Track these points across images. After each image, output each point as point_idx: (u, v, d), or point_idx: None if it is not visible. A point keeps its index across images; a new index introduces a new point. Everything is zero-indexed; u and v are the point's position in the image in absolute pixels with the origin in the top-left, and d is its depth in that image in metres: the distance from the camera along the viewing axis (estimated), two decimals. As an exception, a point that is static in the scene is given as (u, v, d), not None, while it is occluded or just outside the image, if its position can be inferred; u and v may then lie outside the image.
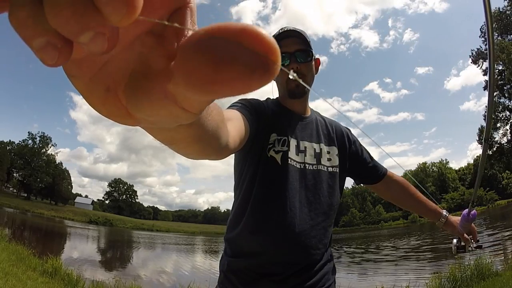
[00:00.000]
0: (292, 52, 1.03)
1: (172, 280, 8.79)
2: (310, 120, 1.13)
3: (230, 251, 1.03)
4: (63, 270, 6.13)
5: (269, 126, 1.01)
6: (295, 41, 1.04)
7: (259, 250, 0.97)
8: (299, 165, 1.02)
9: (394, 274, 8.58)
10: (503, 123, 27.15)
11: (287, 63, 1.02)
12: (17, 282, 4.56)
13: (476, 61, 28.76)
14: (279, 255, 0.95)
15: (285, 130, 1.04)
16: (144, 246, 23.17)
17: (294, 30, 1.05)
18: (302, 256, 0.97)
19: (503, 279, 4.48)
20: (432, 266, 9.27)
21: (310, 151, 1.06)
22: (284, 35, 1.04)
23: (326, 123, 1.17)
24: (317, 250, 0.99)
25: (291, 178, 0.99)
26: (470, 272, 4.95)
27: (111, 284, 5.90)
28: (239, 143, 0.70)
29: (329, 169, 1.07)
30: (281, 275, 0.95)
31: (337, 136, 1.16)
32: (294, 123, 1.08)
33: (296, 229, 0.96)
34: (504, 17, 25.86)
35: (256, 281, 0.96)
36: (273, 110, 1.07)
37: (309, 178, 1.02)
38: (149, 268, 11.78)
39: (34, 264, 6.44)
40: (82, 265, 9.28)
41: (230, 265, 1.01)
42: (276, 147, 1.00)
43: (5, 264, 5.63)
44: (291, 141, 1.03)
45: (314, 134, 1.11)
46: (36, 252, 7.86)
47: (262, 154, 0.99)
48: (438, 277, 5.25)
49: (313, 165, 1.05)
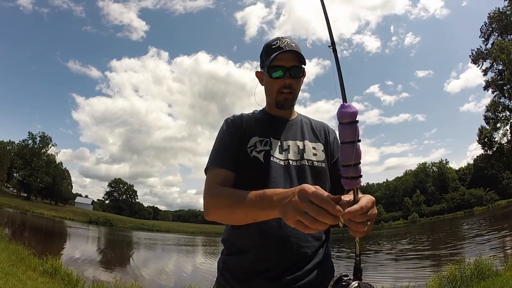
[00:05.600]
0: (288, 67, 1.09)
1: (173, 280, 8.78)
2: (295, 122, 1.20)
3: (225, 251, 1.08)
4: (63, 270, 6.12)
5: (250, 133, 1.10)
6: (292, 57, 1.10)
7: (250, 245, 0.98)
8: (282, 162, 1.06)
9: (395, 273, 8.58)
10: (503, 123, 27.07)
11: (281, 75, 1.10)
12: (17, 282, 4.55)
13: (476, 61, 28.72)
14: (269, 249, 0.96)
15: (267, 132, 1.11)
16: (144, 246, 23.16)
17: (293, 49, 1.10)
18: (291, 249, 0.97)
19: (503, 279, 4.47)
20: (432, 266, 9.26)
21: (294, 148, 1.10)
22: (285, 50, 1.09)
23: (311, 123, 1.23)
24: (307, 243, 0.99)
25: (274, 174, 1.03)
26: (470, 272, 4.94)
27: (111, 284, 5.90)
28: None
29: (314, 163, 1.09)
30: (273, 271, 0.95)
31: (321, 133, 1.21)
32: (278, 126, 1.15)
33: (281, 220, 0.95)
34: (504, 17, 25.80)
35: (249, 278, 0.97)
36: (257, 118, 1.16)
37: (293, 173, 1.05)
38: (149, 268, 11.77)
39: (34, 264, 6.43)
40: (82, 265, 9.28)
41: (225, 263, 1.05)
42: (258, 148, 1.07)
43: (5, 264, 5.62)
44: (274, 141, 1.10)
45: (298, 133, 1.16)
46: (36, 252, 7.85)
47: (246, 157, 1.06)
48: (438, 277, 5.25)
49: (297, 160, 1.08)
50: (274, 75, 1.10)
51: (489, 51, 26.22)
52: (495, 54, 23.06)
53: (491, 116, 27.53)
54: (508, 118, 26.78)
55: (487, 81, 28.24)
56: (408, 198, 66.68)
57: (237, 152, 1.07)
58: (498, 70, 26.37)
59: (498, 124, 27.22)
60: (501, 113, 27.01)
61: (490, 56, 25.45)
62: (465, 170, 69.63)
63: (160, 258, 16.42)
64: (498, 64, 24.69)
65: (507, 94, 26.01)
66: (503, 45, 22.55)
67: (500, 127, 27.16)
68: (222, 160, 1.07)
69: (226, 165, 1.05)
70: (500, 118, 27.15)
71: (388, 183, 76.38)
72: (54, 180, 62.22)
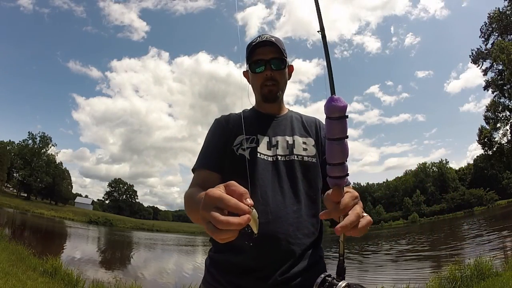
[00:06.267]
0: (267, 60, 1.10)
1: (173, 280, 8.78)
2: (284, 118, 1.18)
3: (213, 248, 1.06)
4: (63, 270, 6.12)
5: (236, 131, 1.09)
6: (271, 50, 1.11)
7: (237, 243, 0.93)
8: (270, 158, 1.05)
9: (394, 273, 8.58)
10: (503, 123, 27.03)
11: (262, 69, 1.11)
12: (17, 282, 4.55)
13: (476, 61, 28.71)
14: (257, 246, 0.90)
15: (254, 130, 1.10)
16: (144, 246, 23.15)
17: (270, 40, 1.11)
18: (280, 246, 0.94)
19: (503, 279, 4.47)
20: (432, 266, 9.26)
21: (283, 144, 1.09)
22: (261, 44, 1.11)
23: (302, 119, 1.21)
24: (297, 240, 0.96)
25: (261, 170, 1.02)
26: (470, 272, 4.94)
27: (112, 284, 5.90)
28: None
29: (304, 158, 1.07)
30: (263, 270, 0.92)
31: (312, 128, 1.19)
32: (267, 123, 1.14)
33: (269, 216, 0.95)
34: (504, 17, 25.78)
35: (238, 277, 0.94)
36: (245, 116, 1.14)
37: (282, 168, 1.03)
38: (149, 268, 11.77)
39: (34, 264, 6.43)
40: (82, 265, 9.27)
41: (213, 260, 1.03)
42: (243, 145, 1.06)
43: (5, 264, 5.62)
44: (261, 138, 1.09)
45: (288, 128, 1.14)
46: (36, 252, 7.85)
47: (233, 156, 1.05)
48: (438, 277, 5.25)
49: (285, 156, 1.06)
50: (256, 70, 1.12)
51: (489, 51, 26.20)
52: (495, 54, 23.03)
53: (491, 116, 27.52)
54: (508, 118, 26.77)
55: (487, 81, 28.25)
56: (408, 198, 66.69)
57: (221, 152, 1.07)
58: (498, 70, 26.36)
59: (498, 124, 27.20)
60: (501, 113, 26.99)
61: (490, 56, 25.41)
62: (465, 170, 69.62)
63: (160, 258, 16.41)
64: (498, 64, 24.64)
65: (507, 94, 26.00)
66: (503, 45, 22.51)
67: (500, 127, 27.14)
68: (204, 161, 1.08)
69: (208, 165, 1.05)
70: (500, 118, 27.13)
71: (388, 183, 76.40)
72: (54, 180, 62.21)
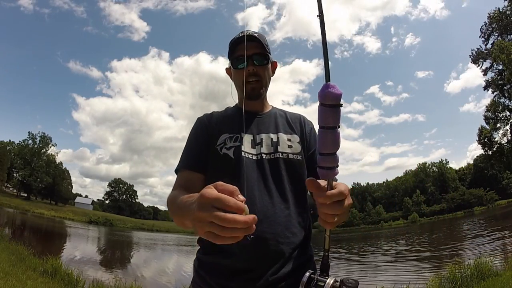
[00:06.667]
0: (249, 55, 1.08)
1: (173, 280, 8.78)
2: (268, 115, 1.16)
3: (201, 250, 1.04)
4: (63, 270, 6.12)
5: (220, 131, 1.07)
6: (253, 45, 1.09)
7: (225, 245, 0.92)
8: (255, 157, 1.03)
9: (394, 274, 8.58)
10: (503, 123, 27.01)
11: (244, 65, 1.08)
12: (17, 282, 4.55)
13: (476, 61, 28.71)
14: (245, 247, 0.89)
15: (237, 128, 1.07)
16: (144, 246, 23.15)
17: (253, 35, 1.09)
18: (268, 245, 0.92)
19: (503, 279, 4.47)
20: (432, 266, 9.25)
21: (267, 141, 1.07)
22: (243, 39, 1.08)
23: (286, 115, 1.19)
24: (286, 239, 0.95)
25: (246, 170, 0.99)
26: (470, 272, 4.94)
27: (111, 284, 5.90)
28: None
29: (289, 156, 1.05)
30: (253, 271, 0.90)
31: (296, 125, 1.17)
32: (250, 120, 1.11)
33: (257, 216, 0.92)
34: (504, 17, 25.77)
35: (228, 279, 0.92)
36: (228, 114, 1.14)
37: (267, 167, 1.02)
38: (149, 268, 11.78)
39: (34, 264, 6.43)
40: (82, 265, 9.27)
41: (201, 261, 1.01)
42: (227, 144, 1.04)
43: (5, 264, 5.62)
44: (245, 136, 1.06)
45: (272, 126, 1.12)
46: (36, 252, 7.86)
47: (217, 155, 1.03)
48: (438, 277, 5.25)
49: (270, 154, 1.04)
50: (238, 66, 1.09)
51: (489, 51, 26.19)
52: (495, 54, 23.01)
53: (491, 116, 27.52)
54: (508, 118, 26.76)
55: (487, 81, 28.25)
56: (408, 198, 66.69)
57: (204, 152, 1.05)
58: (498, 70, 26.34)
59: (498, 124, 27.19)
60: (501, 113, 26.98)
61: (490, 56, 25.41)
62: (465, 170, 69.60)
63: (160, 258, 16.42)
64: (498, 64, 24.62)
65: (507, 94, 25.99)
66: (503, 45, 22.50)
67: (500, 127, 27.13)
68: (187, 162, 1.06)
69: (191, 166, 1.04)
70: (500, 118, 27.12)
71: (388, 183, 76.41)
72: (54, 180, 62.21)
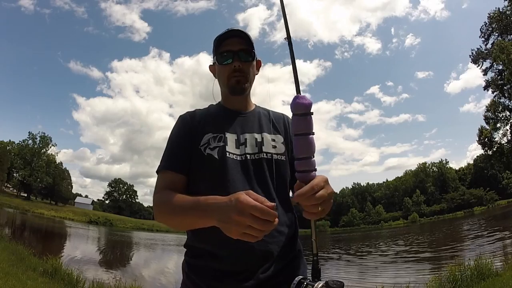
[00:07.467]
0: (235, 51, 1.07)
1: (173, 280, 8.78)
2: (252, 114, 1.15)
3: (190, 252, 1.03)
4: (63, 270, 6.12)
5: (203, 130, 1.05)
6: (239, 41, 1.08)
7: (214, 247, 0.93)
8: (239, 157, 1.02)
9: (394, 274, 8.58)
10: (503, 123, 27.00)
11: (229, 61, 1.07)
12: (17, 282, 4.55)
13: (476, 61, 28.70)
14: (235, 249, 0.89)
15: (221, 127, 1.06)
16: (144, 246, 23.16)
17: (239, 30, 1.08)
18: (257, 246, 0.90)
19: (503, 279, 4.47)
20: (432, 266, 9.25)
21: (251, 141, 1.06)
22: (229, 34, 1.07)
23: (269, 115, 1.17)
24: (274, 239, 0.94)
25: (231, 170, 0.98)
26: (470, 272, 4.94)
27: (111, 284, 5.90)
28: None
29: (274, 156, 1.05)
30: (243, 273, 0.90)
31: (280, 125, 1.16)
32: (234, 120, 1.10)
33: None
34: (504, 17, 25.76)
35: (218, 280, 0.92)
36: (211, 113, 1.12)
37: (251, 168, 1.01)
38: (149, 268, 11.78)
39: (34, 264, 6.44)
40: (82, 265, 9.27)
41: (190, 264, 1.00)
42: (211, 145, 1.02)
43: (5, 264, 5.63)
44: (229, 136, 1.05)
45: (255, 125, 1.11)
46: (36, 252, 7.86)
47: (200, 156, 1.01)
48: (438, 277, 5.25)
49: (254, 154, 1.04)
50: (223, 62, 1.08)
51: (489, 51, 26.20)
52: (495, 54, 23.02)
53: (491, 116, 27.51)
54: (508, 118, 26.76)
55: (487, 81, 28.23)
56: (408, 198, 66.69)
57: (187, 152, 1.03)
58: (498, 70, 26.34)
59: (498, 124, 27.18)
60: (501, 113, 26.97)
61: (490, 56, 25.42)
62: (465, 170, 69.62)
63: (160, 258, 16.42)
64: (498, 64, 24.62)
65: (507, 94, 25.99)
66: (503, 45, 22.50)
67: (500, 127, 27.13)
68: (170, 163, 1.03)
69: (174, 167, 1.01)
70: (500, 118, 27.11)
71: (388, 183, 76.39)
72: (54, 180, 62.22)
